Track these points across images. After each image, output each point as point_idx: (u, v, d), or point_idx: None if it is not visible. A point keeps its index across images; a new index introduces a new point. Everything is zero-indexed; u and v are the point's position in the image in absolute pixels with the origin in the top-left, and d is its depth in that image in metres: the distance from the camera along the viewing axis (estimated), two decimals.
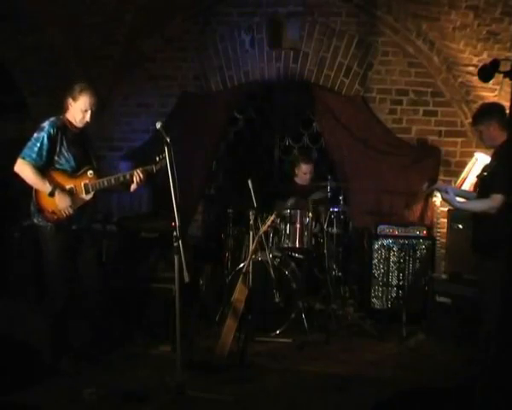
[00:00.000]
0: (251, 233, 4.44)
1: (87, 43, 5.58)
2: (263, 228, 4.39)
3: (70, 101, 3.81)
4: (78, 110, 3.79)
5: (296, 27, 5.89)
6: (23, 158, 3.70)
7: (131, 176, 3.85)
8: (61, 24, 5.22)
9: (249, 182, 4.61)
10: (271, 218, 4.39)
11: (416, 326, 4.86)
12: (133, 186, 3.93)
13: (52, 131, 3.72)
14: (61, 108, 3.88)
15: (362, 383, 3.85)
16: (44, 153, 3.71)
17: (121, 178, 3.86)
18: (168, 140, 3.51)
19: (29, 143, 3.72)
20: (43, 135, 3.70)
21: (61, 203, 3.72)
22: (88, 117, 3.82)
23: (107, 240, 5.07)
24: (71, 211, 3.75)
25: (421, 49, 5.64)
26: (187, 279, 3.33)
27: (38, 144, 3.70)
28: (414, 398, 3.54)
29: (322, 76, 5.95)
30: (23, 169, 3.71)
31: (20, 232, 5.47)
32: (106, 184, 3.85)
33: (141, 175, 3.86)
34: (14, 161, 3.76)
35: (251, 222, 4.44)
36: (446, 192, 3.85)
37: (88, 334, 3.99)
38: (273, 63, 6.04)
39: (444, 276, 5.04)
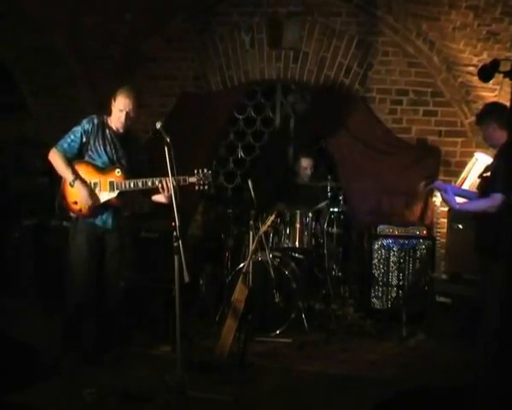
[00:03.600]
0: (251, 233, 4.44)
1: (87, 43, 5.58)
2: (263, 228, 4.39)
3: (112, 101, 3.93)
4: (117, 110, 3.90)
5: (296, 27, 5.90)
6: (55, 147, 3.88)
7: (160, 182, 3.78)
8: (61, 24, 5.22)
9: (249, 182, 4.61)
10: (271, 218, 4.39)
11: (416, 326, 4.86)
12: (159, 196, 3.87)
13: (88, 126, 3.89)
14: (61, 108, 3.93)
15: (362, 383, 3.85)
16: (76, 145, 3.87)
17: (149, 183, 3.82)
18: (168, 140, 3.51)
19: (66, 135, 3.90)
20: (78, 129, 3.89)
21: (80, 193, 3.80)
22: (123, 118, 3.87)
23: None
24: (88, 203, 3.79)
25: (421, 49, 5.64)
26: (187, 279, 3.33)
27: (72, 136, 3.88)
28: (414, 398, 3.54)
29: (322, 76, 5.95)
30: (53, 157, 3.88)
31: (20, 232, 5.47)
32: (132, 185, 3.84)
33: (169, 185, 3.69)
34: (14, 161, 3.81)
35: (251, 222, 4.44)
36: (446, 192, 3.83)
37: (92, 334, 4.01)
38: (273, 63, 6.04)
39: (444, 276, 5.03)
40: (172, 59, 6.23)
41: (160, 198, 3.92)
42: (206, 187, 3.85)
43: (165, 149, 3.50)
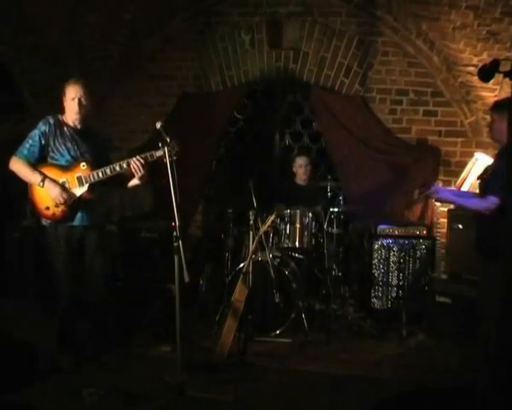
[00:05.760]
0: (251, 233, 4.44)
1: (87, 43, 5.58)
2: (263, 228, 4.39)
3: (63, 97, 3.89)
4: (69, 100, 3.86)
5: (296, 27, 5.90)
6: (15, 155, 3.82)
7: (129, 165, 3.72)
8: (61, 24, 5.22)
9: (250, 182, 4.61)
10: (271, 218, 4.39)
11: (416, 326, 4.86)
12: (133, 180, 3.83)
13: (44, 128, 3.83)
14: (61, 108, 3.93)
15: (362, 383, 3.85)
16: (35, 149, 3.81)
17: (117, 168, 3.76)
18: (168, 140, 3.50)
19: (23, 142, 3.84)
20: (36, 132, 3.83)
21: (52, 192, 3.74)
22: (76, 106, 3.82)
23: None
24: (62, 199, 3.72)
25: (421, 49, 5.64)
26: (187, 279, 3.33)
27: (30, 141, 3.82)
28: (414, 398, 3.54)
29: (322, 76, 5.95)
30: (14, 165, 3.81)
31: (20, 232, 5.47)
32: (100, 175, 3.78)
33: (138, 163, 3.70)
34: None
35: (251, 222, 4.44)
36: (437, 193, 3.73)
37: (89, 334, 4.00)
38: (273, 63, 6.04)
39: (444, 276, 5.04)
40: (172, 59, 6.23)
41: (134, 181, 3.86)
42: (175, 157, 3.59)
43: (165, 148, 3.50)
